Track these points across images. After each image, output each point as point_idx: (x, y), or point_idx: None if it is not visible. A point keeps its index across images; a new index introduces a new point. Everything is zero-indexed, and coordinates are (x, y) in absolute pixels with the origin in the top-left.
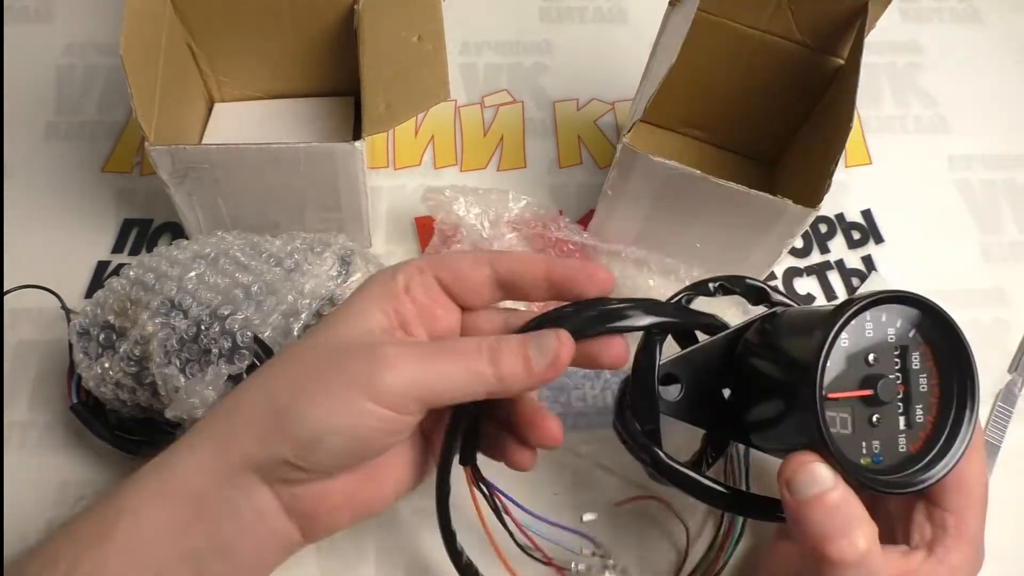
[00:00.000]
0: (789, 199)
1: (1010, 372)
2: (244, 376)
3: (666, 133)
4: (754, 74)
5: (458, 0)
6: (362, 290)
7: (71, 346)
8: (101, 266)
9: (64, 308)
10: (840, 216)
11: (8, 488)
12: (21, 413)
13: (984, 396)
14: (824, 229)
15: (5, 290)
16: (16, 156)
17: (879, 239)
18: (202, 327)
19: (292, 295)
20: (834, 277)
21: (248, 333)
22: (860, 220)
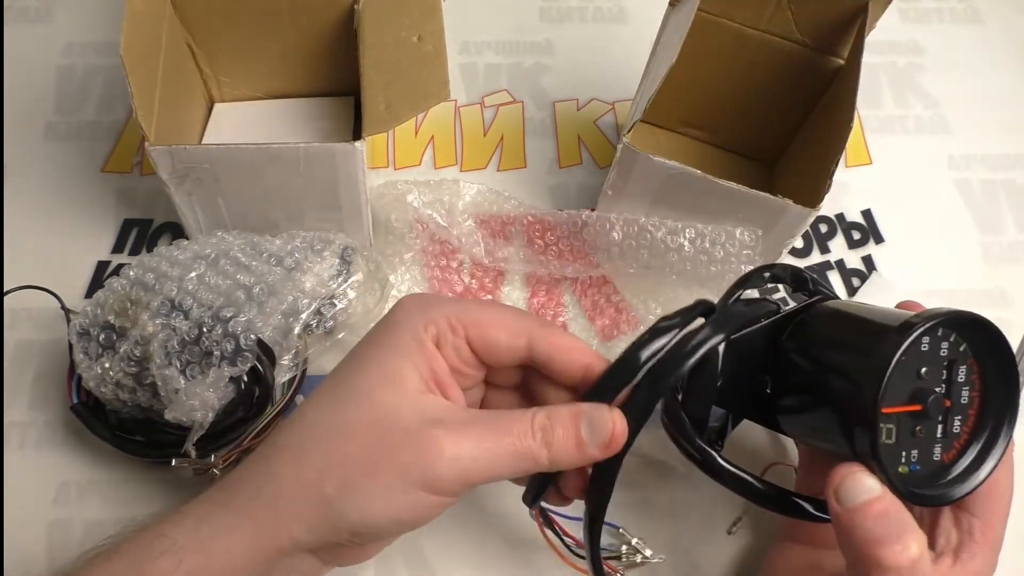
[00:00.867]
0: (789, 199)
1: None
2: (244, 378)
3: (666, 133)
4: (754, 74)
5: (458, 0)
6: (394, 339)
7: (71, 346)
8: (101, 266)
9: (64, 308)
10: (840, 216)
11: (8, 488)
12: (21, 413)
13: None
14: (824, 229)
15: (5, 290)
16: (16, 156)
17: (879, 239)
18: (204, 329)
19: (293, 295)
20: (834, 277)
21: (252, 336)
22: (860, 220)
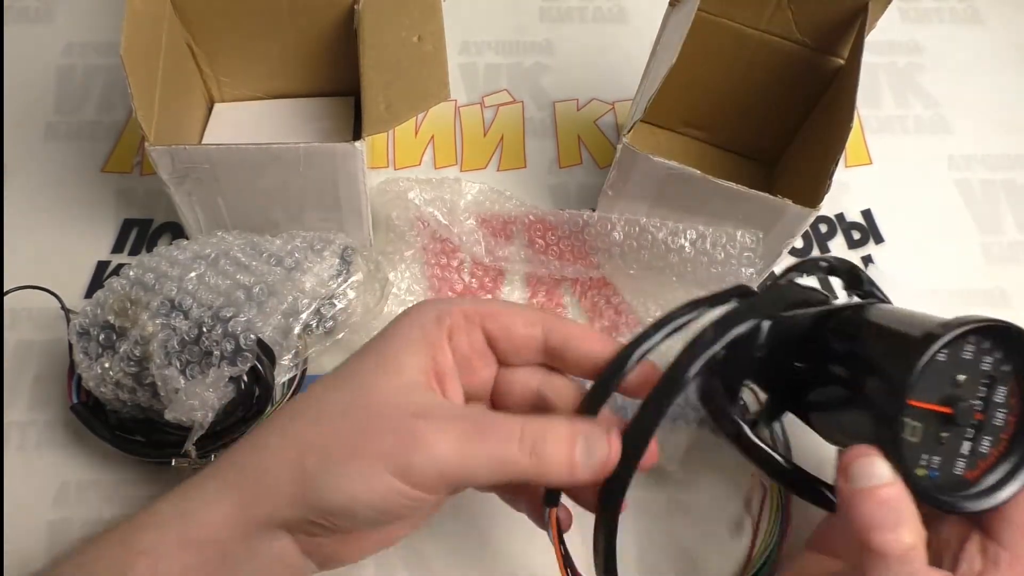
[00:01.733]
0: (789, 199)
1: None
2: (244, 378)
3: (666, 133)
4: (754, 74)
5: (458, 0)
6: (402, 330)
7: (71, 346)
8: (101, 266)
9: (64, 308)
10: (840, 216)
11: (8, 488)
12: (21, 413)
13: None
14: (824, 229)
15: (5, 290)
16: (16, 156)
17: (879, 239)
18: (203, 329)
19: (293, 295)
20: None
21: (251, 336)
22: (860, 220)
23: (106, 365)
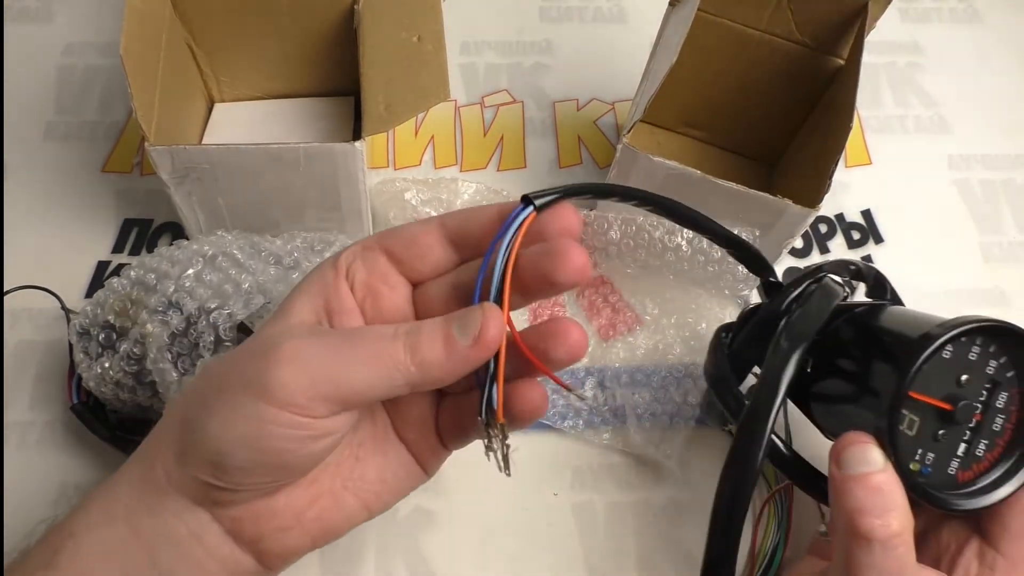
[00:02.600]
0: (789, 199)
1: None
2: None
3: (666, 133)
4: (754, 74)
5: (458, 0)
6: (300, 285)
7: (71, 346)
8: (101, 266)
9: (64, 308)
10: (840, 216)
11: (8, 488)
12: (21, 413)
13: None
14: (824, 229)
15: (5, 290)
16: (16, 156)
17: (879, 239)
18: (191, 321)
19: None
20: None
21: (231, 326)
22: (860, 220)
23: (106, 365)
